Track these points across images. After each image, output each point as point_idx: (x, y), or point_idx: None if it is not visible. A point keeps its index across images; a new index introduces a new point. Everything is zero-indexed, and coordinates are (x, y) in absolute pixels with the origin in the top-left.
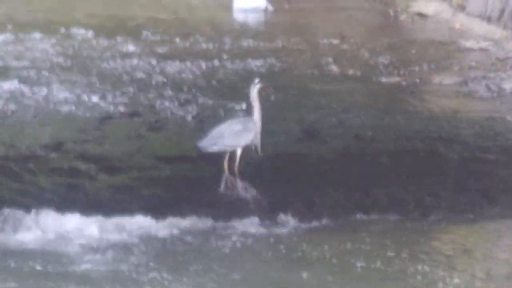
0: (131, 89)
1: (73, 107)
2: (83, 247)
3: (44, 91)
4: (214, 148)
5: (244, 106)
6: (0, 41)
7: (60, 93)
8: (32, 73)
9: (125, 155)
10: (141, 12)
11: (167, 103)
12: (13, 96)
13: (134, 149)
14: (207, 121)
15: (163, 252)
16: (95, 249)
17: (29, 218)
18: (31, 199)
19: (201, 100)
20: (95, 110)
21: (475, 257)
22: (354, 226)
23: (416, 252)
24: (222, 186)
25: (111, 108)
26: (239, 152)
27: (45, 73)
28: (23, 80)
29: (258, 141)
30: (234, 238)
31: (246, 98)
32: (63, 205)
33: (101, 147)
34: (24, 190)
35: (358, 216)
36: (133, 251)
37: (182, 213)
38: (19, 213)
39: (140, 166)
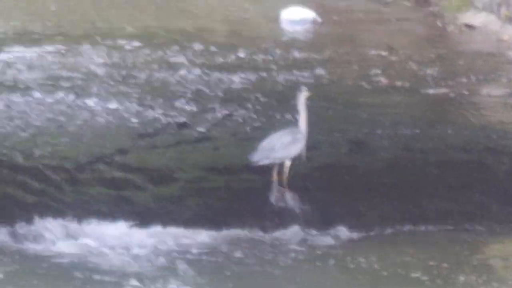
0: (179, 100)
1: (122, 118)
2: (129, 257)
3: (93, 102)
4: (266, 161)
5: (292, 117)
6: (51, 52)
7: (109, 104)
8: (82, 84)
9: (173, 166)
10: (190, 24)
11: (215, 114)
12: (62, 107)
13: (182, 160)
14: (255, 132)
15: (211, 263)
16: (142, 260)
17: (75, 228)
18: (79, 210)
19: (249, 111)
20: (143, 121)
21: None
22: (403, 237)
23: (464, 263)
24: (272, 197)
25: (160, 119)
26: (288, 163)
27: (94, 84)
28: (72, 91)
29: (303, 150)
30: (282, 249)
31: (294, 109)
32: (110, 216)
33: (149, 157)
34: (72, 200)
35: (407, 227)
36: (180, 262)
37: (231, 224)
38: (66, 222)
39: (188, 177)
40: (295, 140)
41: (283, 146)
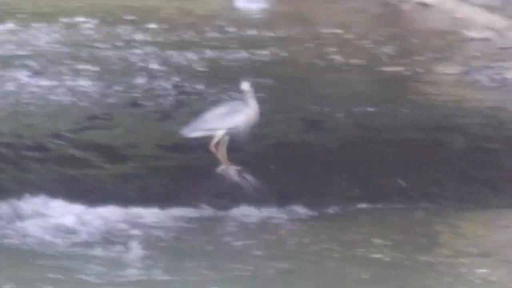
0: (134, 78)
1: (78, 97)
2: (86, 236)
3: (48, 80)
4: (198, 133)
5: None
6: (5, 30)
7: (65, 82)
8: (36, 62)
9: (130, 145)
10: (145, 2)
11: (171, 93)
12: (17, 86)
13: (139, 139)
14: (209, 109)
15: (165, 242)
16: (97, 239)
17: (32, 207)
18: (35, 189)
19: (204, 89)
20: (99, 99)
21: (479, 246)
22: (358, 215)
23: (420, 240)
24: (224, 174)
25: (116, 97)
26: (221, 133)
27: (49, 62)
28: (27, 70)
29: (245, 123)
30: (237, 227)
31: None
32: (67, 195)
33: (105, 136)
34: (29, 179)
35: (363, 205)
36: (136, 241)
37: (184, 203)
38: (23, 202)
39: (145, 155)
40: (231, 111)
41: (214, 117)
